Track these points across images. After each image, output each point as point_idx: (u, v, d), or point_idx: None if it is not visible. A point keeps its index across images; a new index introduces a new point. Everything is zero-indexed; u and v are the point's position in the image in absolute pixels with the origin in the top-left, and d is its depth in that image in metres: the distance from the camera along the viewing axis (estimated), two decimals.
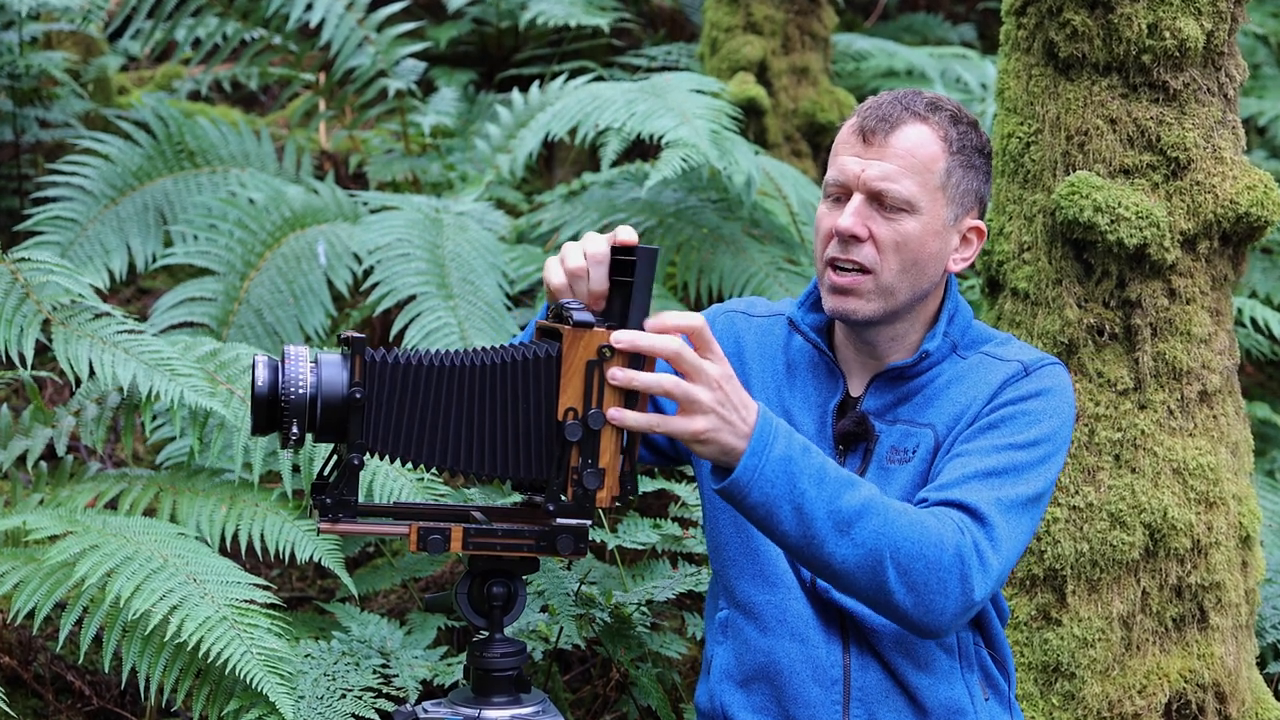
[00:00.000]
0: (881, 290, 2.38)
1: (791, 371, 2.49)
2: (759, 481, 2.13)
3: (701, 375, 2.07)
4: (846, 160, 2.39)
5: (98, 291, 3.30)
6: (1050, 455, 2.34)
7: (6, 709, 2.79)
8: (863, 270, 2.37)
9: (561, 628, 3.12)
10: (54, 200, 4.14)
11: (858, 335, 2.45)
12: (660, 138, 3.89)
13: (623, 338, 2.05)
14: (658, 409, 2.13)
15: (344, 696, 2.83)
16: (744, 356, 2.51)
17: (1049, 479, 2.34)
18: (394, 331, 3.59)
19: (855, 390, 2.46)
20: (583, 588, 3.21)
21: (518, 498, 2.35)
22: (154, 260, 4.11)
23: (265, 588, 2.81)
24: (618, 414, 2.06)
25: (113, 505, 3.10)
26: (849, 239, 2.36)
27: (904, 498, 2.36)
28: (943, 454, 2.36)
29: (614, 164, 4.36)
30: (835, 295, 2.39)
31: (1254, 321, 3.90)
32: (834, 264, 2.38)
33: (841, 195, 2.40)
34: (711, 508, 2.48)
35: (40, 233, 4.04)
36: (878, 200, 2.36)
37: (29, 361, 2.96)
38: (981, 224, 2.44)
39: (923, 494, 2.31)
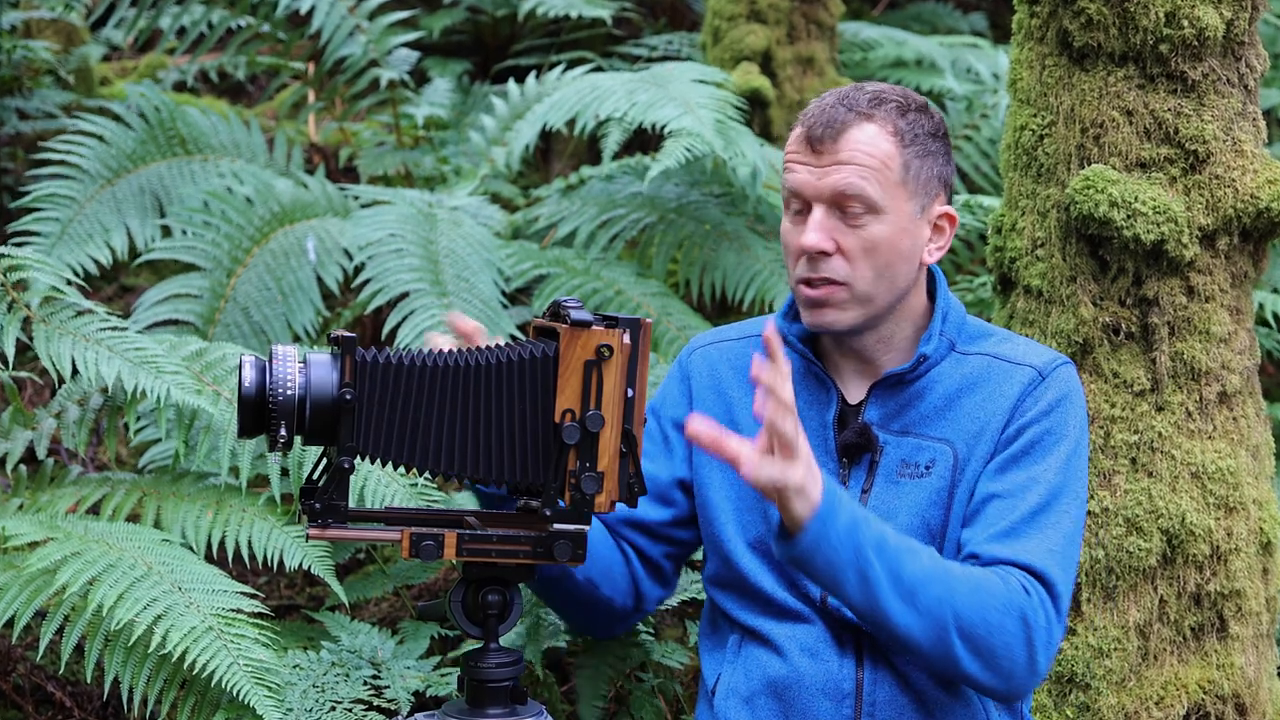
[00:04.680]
0: (858, 298, 2.34)
1: None
2: (825, 548, 2.13)
3: (799, 428, 2.09)
4: (799, 172, 2.34)
5: (81, 290, 3.26)
6: (1080, 468, 2.37)
7: None
8: (836, 282, 2.33)
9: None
10: (51, 178, 4.05)
11: (846, 343, 2.41)
12: (662, 129, 3.83)
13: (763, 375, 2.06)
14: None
15: (334, 709, 2.77)
16: (722, 388, 2.48)
17: (1083, 493, 2.38)
18: (386, 330, 3.53)
19: (853, 398, 2.43)
20: None
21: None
22: (153, 242, 4.05)
23: (252, 596, 2.76)
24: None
25: (95, 510, 3.05)
26: (816, 255, 2.32)
27: (920, 514, 2.35)
28: (969, 476, 2.35)
29: (614, 158, 4.32)
30: (812, 310, 2.36)
31: (1276, 317, 3.84)
32: (807, 281, 2.35)
33: (802, 208, 2.35)
34: (713, 549, 2.46)
35: (38, 209, 3.95)
36: (838, 209, 2.32)
37: (9, 361, 2.91)
38: (951, 209, 2.41)
39: (974, 548, 2.31)
